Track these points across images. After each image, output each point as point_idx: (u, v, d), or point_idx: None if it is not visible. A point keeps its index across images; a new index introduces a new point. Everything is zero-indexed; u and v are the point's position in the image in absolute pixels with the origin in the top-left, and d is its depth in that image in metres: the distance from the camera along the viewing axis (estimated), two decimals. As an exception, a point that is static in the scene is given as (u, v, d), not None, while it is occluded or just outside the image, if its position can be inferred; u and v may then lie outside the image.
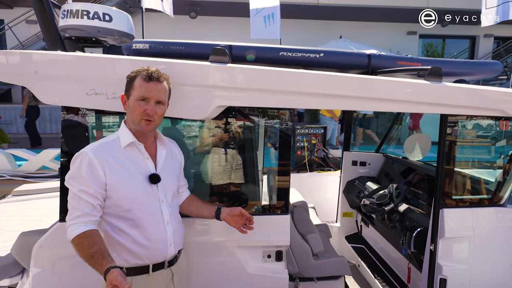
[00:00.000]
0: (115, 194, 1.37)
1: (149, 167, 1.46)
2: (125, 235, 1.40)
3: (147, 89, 1.38)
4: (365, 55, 2.38)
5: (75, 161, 1.36)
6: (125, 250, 1.40)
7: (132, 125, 1.43)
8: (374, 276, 2.93)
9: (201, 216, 1.70)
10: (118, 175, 1.37)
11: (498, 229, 2.13)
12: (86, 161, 1.34)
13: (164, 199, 1.49)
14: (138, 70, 1.42)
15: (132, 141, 1.42)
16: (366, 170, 3.63)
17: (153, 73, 1.40)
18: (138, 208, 1.40)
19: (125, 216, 1.40)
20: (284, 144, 1.87)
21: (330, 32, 10.73)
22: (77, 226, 1.30)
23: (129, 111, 1.42)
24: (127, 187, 1.39)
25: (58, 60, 1.59)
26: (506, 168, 2.17)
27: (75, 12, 1.77)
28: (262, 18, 6.36)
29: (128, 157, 1.42)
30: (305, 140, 5.88)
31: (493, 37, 12.55)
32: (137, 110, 1.38)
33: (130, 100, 1.40)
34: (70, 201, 1.34)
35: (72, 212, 1.32)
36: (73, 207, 1.33)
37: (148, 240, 1.41)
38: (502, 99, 1.97)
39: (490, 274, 2.11)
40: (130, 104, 1.40)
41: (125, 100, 1.43)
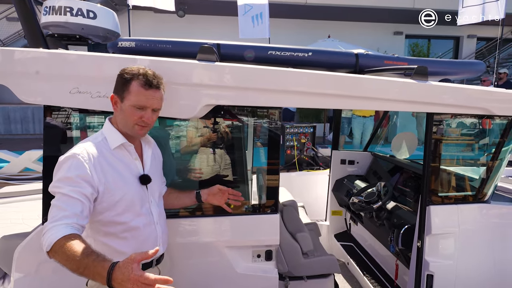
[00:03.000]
0: (109, 199, 1.30)
1: (138, 168, 1.42)
2: (118, 239, 1.36)
3: (146, 97, 1.32)
4: (353, 54, 2.39)
5: (63, 165, 1.24)
6: (116, 253, 1.34)
7: (123, 127, 1.38)
8: (363, 273, 2.96)
9: (183, 204, 1.70)
10: (111, 179, 1.31)
11: (483, 225, 2.18)
12: (75, 163, 1.23)
13: (153, 200, 1.46)
14: (135, 73, 1.32)
15: (123, 143, 1.37)
16: (355, 168, 3.66)
17: (152, 80, 1.33)
18: (131, 211, 1.37)
19: (118, 220, 1.34)
20: (273, 143, 1.87)
21: (318, 32, 10.80)
22: (62, 227, 1.11)
23: (122, 114, 1.35)
24: (121, 191, 1.33)
25: (39, 58, 1.54)
26: (489, 166, 2.22)
27: (58, 8, 1.72)
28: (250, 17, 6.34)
29: (118, 158, 1.36)
30: (295, 139, 5.91)
31: (476, 38, 12.88)
32: (133, 116, 1.33)
33: (125, 105, 1.33)
34: (55, 203, 1.19)
35: (57, 213, 1.15)
36: (59, 208, 1.16)
37: (141, 242, 1.39)
38: (486, 98, 2.02)
39: (475, 269, 2.16)
40: (124, 108, 1.33)
41: (116, 101, 1.36)
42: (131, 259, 1.01)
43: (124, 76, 1.33)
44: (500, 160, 2.22)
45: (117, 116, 1.38)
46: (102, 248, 1.28)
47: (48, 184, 1.27)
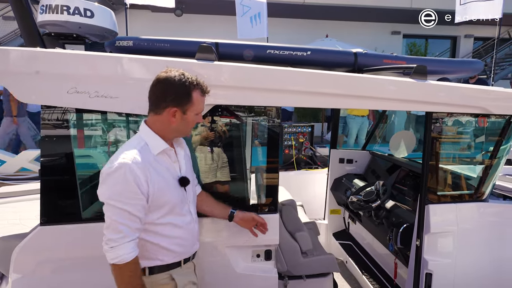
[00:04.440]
0: (156, 203, 1.35)
1: (176, 170, 1.47)
2: (164, 238, 1.41)
3: (203, 102, 1.44)
4: (352, 53, 2.39)
5: (115, 175, 1.25)
6: (163, 251, 1.41)
7: (177, 133, 1.43)
8: (362, 272, 2.96)
9: (212, 215, 1.74)
10: (159, 185, 1.34)
11: (481, 223, 2.19)
12: (132, 175, 1.26)
13: (190, 200, 1.53)
14: (193, 82, 1.36)
15: (165, 148, 1.40)
16: (353, 167, 3.67)
17: (207, 87, 1.42)
18: (174, 212, 1.43)
19: (162, 221, 1.40)
20: (272, 142, 1.86)
21: (317, 31, 10.78)
22: (131, 246, 1.27)
23: (182, 124, 1.40)
24: (167, 195, 1.38)
25: (36, 57, 1.53)
26: (487, 164, 2.23)
27: (55, 7, 1.70)
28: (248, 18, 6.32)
29: (160, 163, 1.39)
30: (293, 139, 5.90)
31: (473, 38, 12.92)
32: (193, 123, 1.43)
33: (189, 116, 1.38)
34: (115, 218, 1.25)
35: (121, 230, 1.25)
36: (121, 223, 1.25)
37: (185, 239, 1.48)
38: (484, 97, 2.02)
39: (474, 267, 2.17)
40: (188, 119, 1.39)
41: (177, 113, 1.37)
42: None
43: (185, 88, 1.35)
44: (498, 159, 2.22)
45: (173, 127, 1.39)
46: (147, 245, 1.38)
47: (46, 184, 1.26)
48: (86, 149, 1.84)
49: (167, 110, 1.36)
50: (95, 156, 2.06)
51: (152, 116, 1.39)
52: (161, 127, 1.39)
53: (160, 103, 1.36)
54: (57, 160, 1.62)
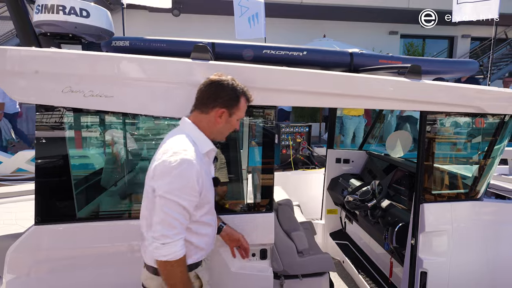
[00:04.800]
0: (202, 201, 1.38)
1: (212, 170, 1.51)
2: (198, 236, 1.43)
3: (245, 110, 1.50)
4: (348, 53, 2.40)
5: (177, 170, 1.25)
6: (196, 250, 1.43)
7: (218, 135, 1.47)
8: (358, 271, 2.97)
9: None
10: (205, 184, 1.38)
11: (475, 222, 2.20)
12: (194, 171, 1.28)
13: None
14: (241, 90, 1.43)
15: (211, 148, 1.44)
16: (350, 167, 3.68)
17: (251, 96, 1.49)
18: (211, 211, 1.48)
19: (202, 220, 1.43)
20: (268, 142, 1.87)
21: (314, 31, 10.80)
22: (182, 244, 1.28)
23: (226, 126, 1.45)
24: (210, 194, 1.43)
25: (32, 57, 1.53)
26: (482, 164, 2.24)
27: (50, 7, 1.70)
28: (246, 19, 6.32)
29: (205, 163, 1.42)
30: (290, 139, 5.91)
31: (470, 38, 12.97)
32: (234, 127, 1.48)
33: (233, 119, 1.45)
34: (170, 212, 1.25)
35: (175, 226, 1.26)
36: (175, 219, 1.26)
37: (212, 238, 1.53)
38: (478, 96, 2.04)
39: (468, 266, 2.18)
40: (232, 122, 1.45)
41: (224, 114, 1.42)
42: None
43: (236, 94, 1.42)
44: (492, 158, 2.24)
45: (219, 127, 1.43)
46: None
47: (41, 184, 1.26)
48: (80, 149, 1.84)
49: (215, 110, 1.40)
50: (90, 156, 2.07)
51: (198, 114, 1.42)
52: (206, 126, 1.42)
53: (210, 103, 1.40)
54: (52, 160, 1.62)
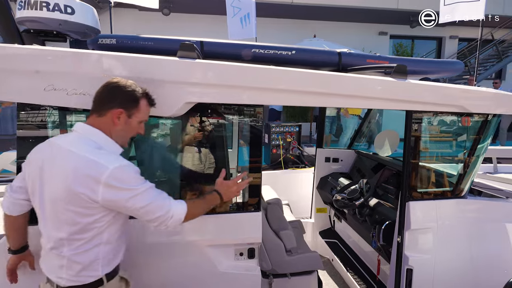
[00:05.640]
0: None
1: None
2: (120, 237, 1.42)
3: (149, 113, 1.47)
4: (336, 53, 2.42)
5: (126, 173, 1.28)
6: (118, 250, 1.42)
7: (119, 139, 1.40)
8: (347, 269, 3.00)
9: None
10: None
11: (459, 219, 2.24)
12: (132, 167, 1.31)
13: None
14: (142, 91, 1.40)
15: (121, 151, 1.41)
16: (339, 166, 3.71)
17: (154, 99, 1.47)
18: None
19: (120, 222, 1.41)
20: (255, 140, 1.87)
21: (305, 31, 10.86)
22: (176, 201, 1.40)
23: (125, 128, 1.40)
24: None
25: (13, 54, 1.49)
26: (466, 162, 2.29)
27: (33, 3, 1.66)
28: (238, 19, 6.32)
29: None
30: (280, 138, 5.93)
31: (457, 39, 13.22)
32: (135, 131, 1.44)
33: (133, 121, 1.40)
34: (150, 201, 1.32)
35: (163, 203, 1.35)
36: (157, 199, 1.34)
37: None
38: (462, 96, 2.07)
39: (452, 263, 2.22)
40: (131, 124, 1.40)
41: (122, 115, 1.36)
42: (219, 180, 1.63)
43: (135, 94, 1.38)
44: (476, 157, 2.28)
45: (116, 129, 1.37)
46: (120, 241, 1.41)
47: None
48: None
49: (112, 111, 1.34)
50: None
51: (96, 118, 1.35)
52: (106, 129, 1.36)
53: (107, 104, 1.34)
54: None
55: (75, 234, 1.26)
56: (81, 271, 1.30)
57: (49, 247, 1.31)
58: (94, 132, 1.33)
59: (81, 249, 1.28)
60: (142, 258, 1.74)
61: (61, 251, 1.28)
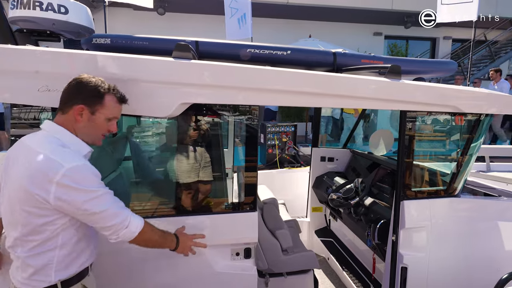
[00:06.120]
0: None
1: None
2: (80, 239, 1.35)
3: (119, 111, 1.41)
4: (331, 53, 2.43)
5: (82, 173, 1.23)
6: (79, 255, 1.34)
7: (85, 137, 1.35)
8: (342, 268, 3.02)
9: None
10: None
11: (453, 218, 2.27)
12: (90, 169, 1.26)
13: None
14: (107, 87, 1.35)
15: (89, 150, 1.37)
16: (334, 165, 3.73)
17: (124, 96, 1.42)
18: None
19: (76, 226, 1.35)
20: (251, 140, 1.87)
21: (300, 31, 10.88)
22: (135, 215, 1.36)
23: (90, 125, 1.34)
24: None
25: (6, 54, 1.48)
26: (459, 161, 2.31)
27: (26, 2, 1.65)
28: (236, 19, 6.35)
29: None
30: (276, 138, 5.94)
31: (451, 39, 13.35)
32: (103, 128, 1.38)
33: (98, 117, 1.34)
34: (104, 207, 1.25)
35: (119, 211, 1.31)
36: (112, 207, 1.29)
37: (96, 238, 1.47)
38: (455, 95, 2.10)
39: (446, 261, 2.24)
40: (96, 121, 1.34)
41: (84, 112, 1.31)
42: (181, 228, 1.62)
43: (98, 90, 1.33)
44: (469, 156, 2.31)
45: (82, 127, 1.33)
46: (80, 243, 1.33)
47: None
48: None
49: (73, 108, 1.30)
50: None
51: (60, 116, 1.33)
52: (70, 127, 1.32)
53: (69, 101, 1.31)
54: None
55: (28, 235, 1.22)
56: (33, 274, 1.25)
57: (7, 246, 1.29)
58: (58, 130, 1.31)
59: (34, 251, 1.24)
60: (138, 259, 1.73)
61: (16, 251, 1.26)
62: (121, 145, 2.48)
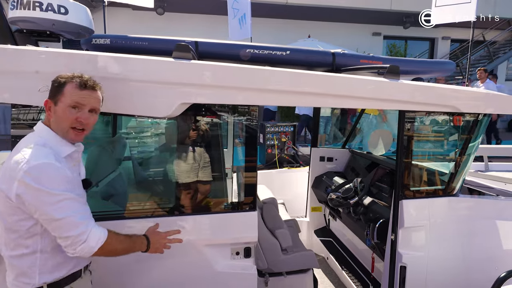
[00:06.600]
0: None
1: (79, 172, 1.41)
2: None
3: (81, 96, 1.29)
4: (330, 53, 2.44)
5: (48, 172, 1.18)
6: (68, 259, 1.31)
7: (58, 131, 1.30)
8: (342, 267, 3.03)
9: None
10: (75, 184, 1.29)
11: (451, 217, 2.28)
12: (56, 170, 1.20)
13: None
14: (69, 76, 1.30)
15: (74, 150, 1.33)
16: (333, 165, 3.74)
17: (88, 80, 1.32)
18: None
19: None
20: (250, 140, 1.88)
21: (299, 32, 10.89)
22: (98, 226, 1.28)
23: (56, 118, 1.29)
24: (83, 198, 1.33)
25: (6, 54, 1.48)
26: (458, 161, 2.33)
27: (26, 3, 1.65)
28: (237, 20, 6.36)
29: (68, 165, 1.30)
30: (275, 138, 5.95)
31: (449, 40, 13.38)
32: (67, 118, 1.28)
33: (59, 107, 1.27)
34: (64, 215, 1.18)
35: (80, 221, 1.22)
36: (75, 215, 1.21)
37: None
38: (453, 95, 2.11)
39: (444, 260, 2.25)
40: (58, 111, 1.28)
41: (50, 106, 1.29)
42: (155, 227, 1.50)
43: (59, 81, 1.29)
44: (467, 156, 2.32)
45: (53, 123, 1.31)
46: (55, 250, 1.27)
47: None
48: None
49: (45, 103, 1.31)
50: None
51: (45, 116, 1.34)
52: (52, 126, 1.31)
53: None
54: None
55: (9, 232, 1.22)
56: (18, 276, 1.25)
57: None
58: (43, 129, 1.31)
59: (16, 251, 1.23)
60: (138, 258, 1.74)
61: (1, 250, 1.27)
62: (121, 145, 2.49)
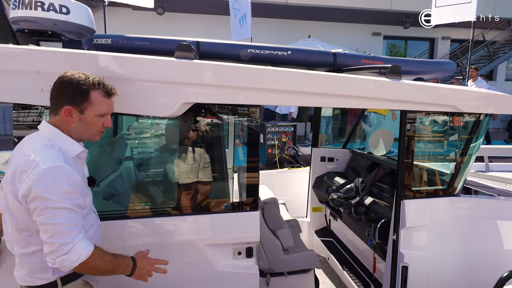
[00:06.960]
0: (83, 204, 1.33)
1: (84, 171, 1.43)
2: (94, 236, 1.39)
3: (109, 105, 1.36)
4: (331, 53, 2.44)
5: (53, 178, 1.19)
6: None
7: (81, 136, 1.34)
8: (343, 268, 3.03)
9: None
10: (82, 185, 1.31)
11: (453, 217, 2.28)
12: (65, 174, 1.21)
13: None
14: (91, 82, 1.29)
15: (82, 150, 1.36)
16: (334, 165, 3.74)
17: (111, 88, 1.36)
18: (91, 212, 1.42)
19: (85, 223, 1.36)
20: (252, 140, 1.88)
21: (299, 32, 10.90)
22: (86, 240, 1.24)
23: (82, 125, 1.31)
24: (88, 197, 1.37)
25: (9, 54, 1.48)
26: (459, 161, 2.33)
27: (28, 2, 1.65)
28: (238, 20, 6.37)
29: (76, 165, 1.33)
30: (276, 138, 5.95)
31: (449, 40, 13.39)
32: (96, 125, 1.34)
33: (88, 116, 1.31)
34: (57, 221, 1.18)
35: (69, 230, 1.20)
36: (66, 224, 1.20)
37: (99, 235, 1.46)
38: (454, 96, 2.11)
39: (446, 260, 2.25)
40: (87, 119, 1.31)
41: (72, 112, 1.29)
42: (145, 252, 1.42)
43: (81, 88, 1.28)
44: (468, 156, 2.32)
45: (75, 127, 1.32)
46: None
47: None
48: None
49: (62, 109, 1.29)
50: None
51: (53, 117, 1.32)
52: (64, 128, 1.31)
53: (57, 102, 1.30)
54: None
55: (20, 230, 1.24)
56: (32, 272, 1.27)
57: (7, 240, 1.31)
58: (50, 130, 1.30)
59: (27, 249, 1.25)
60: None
61: (13, 249, 1.28)
62: (121, 145, 2.49)
